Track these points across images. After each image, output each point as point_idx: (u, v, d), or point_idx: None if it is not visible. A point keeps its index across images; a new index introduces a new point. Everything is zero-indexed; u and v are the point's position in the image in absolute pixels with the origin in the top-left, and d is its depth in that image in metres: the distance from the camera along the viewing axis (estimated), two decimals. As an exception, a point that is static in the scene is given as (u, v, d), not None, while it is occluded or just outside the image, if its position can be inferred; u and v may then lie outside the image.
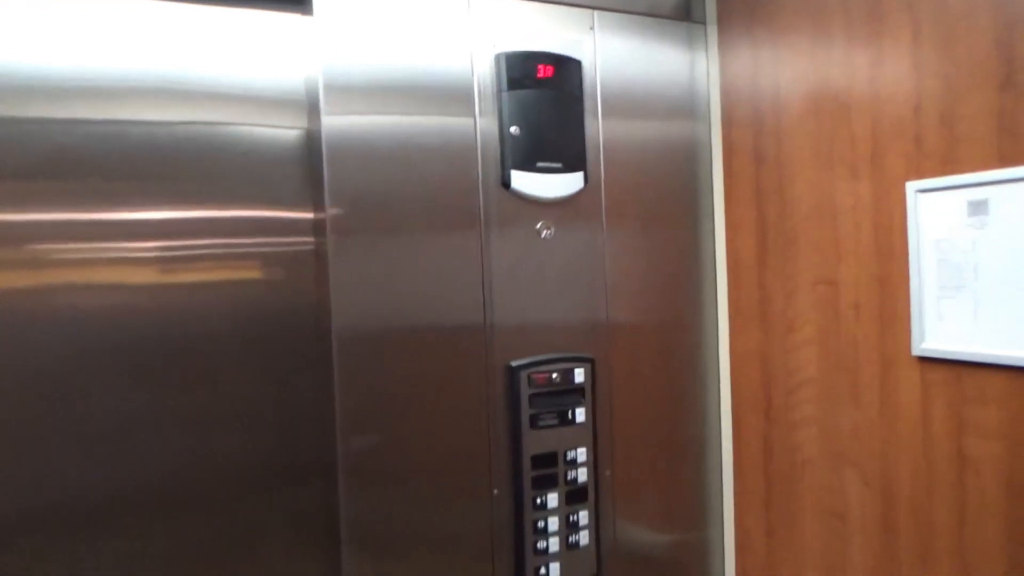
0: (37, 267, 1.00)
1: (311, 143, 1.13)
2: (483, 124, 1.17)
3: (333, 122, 1.09)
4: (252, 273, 1.12)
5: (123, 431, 1.04)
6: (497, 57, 1.17)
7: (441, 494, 1.16)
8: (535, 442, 1.18)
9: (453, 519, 1.17)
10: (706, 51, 1.35)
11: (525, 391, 1.18)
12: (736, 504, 1.35)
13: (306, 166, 1.13)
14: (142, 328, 1.05)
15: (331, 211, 1.08)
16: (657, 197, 1.33)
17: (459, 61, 1.17)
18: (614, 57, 1.28)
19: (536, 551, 1.19)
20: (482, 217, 1.16)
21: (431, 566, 1.17)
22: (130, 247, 1.05)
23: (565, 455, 1.20)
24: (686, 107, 1.35)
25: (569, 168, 1.21)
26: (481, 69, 1.17)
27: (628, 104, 1.29)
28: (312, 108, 1.12)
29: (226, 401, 1.11)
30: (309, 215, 1.13)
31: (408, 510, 1.15)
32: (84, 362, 1.02)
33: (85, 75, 1.02)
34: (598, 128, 1.26)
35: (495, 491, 1.18)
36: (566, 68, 1.21)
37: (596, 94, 1.26)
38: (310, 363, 1.15)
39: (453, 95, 1.16)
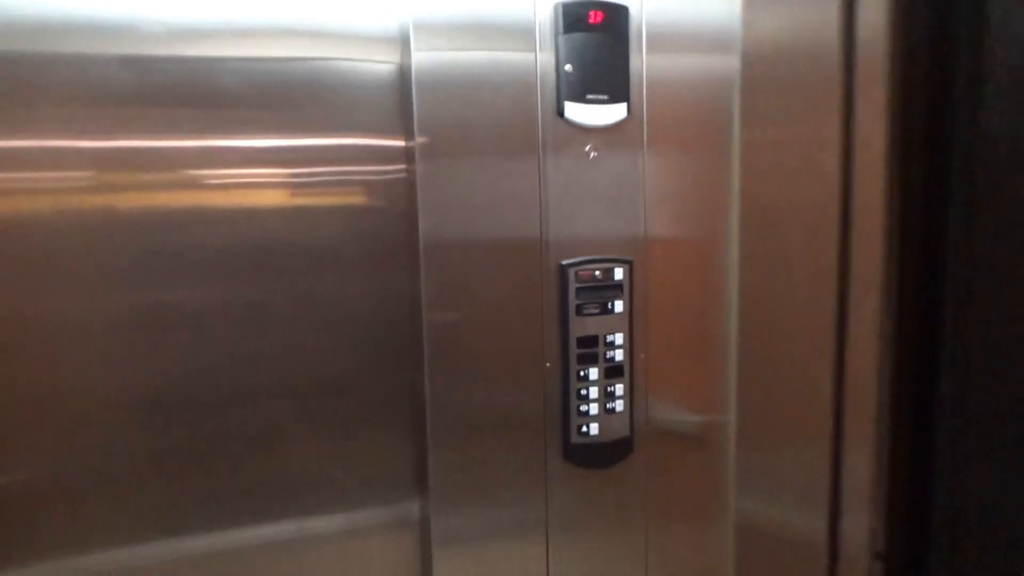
0: (183, 188, 1.31)
1: (403, 77, 1.39)
2: (542, 61, 1.40)
3: (421, 57, 1.35)
4: (357, 198, 1.40)
5: (253, 328, 1.36)
6: (556, 5, 1.39)
7: (504, 365, 1.46)
8: (579, 326, 1.46)
9: (514, 386, 1.47)
10: (741, -6, 1.53)
11: (572, 285, 1.44)
12: (750, 386, 1.60)
13: (400, 98, 1.39)
14: (267, 242, 1.35)
15: (419, 139, 1.34)
16: (693, 124, 1.54)
17: (524, 8, 1.39)
18: (659, 1, 1.47)
19: (579, 413, 1.48)
20: (540, 142, 1.41)
21: (497, 426, 1.48)
22: (254, 173, 1.34)
23: (605, 338, 1.47)
24: (723, 44, 1.55)
25: (614, 99, 1.43)
26: (542, 15, 1.40)
27: (670, 43, 1.49)
28: (404, 45, 1.38)
29: (333, 305, 1.41)
30: (402, 143, 1.39)
31: (478, 381, 1.45)
32: (218, 271, 1.34)
33: (221, 19, 1.29)
34: (642, 64, 1.47)
35: (547, 364, 1.47)
36: (615, 13, 1.42)
37: (641, 35, 1.47)
38: (403, 271, 1.43)
39: (518, 37, 1.39)
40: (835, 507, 0.46)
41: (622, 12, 1.43)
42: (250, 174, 1.32)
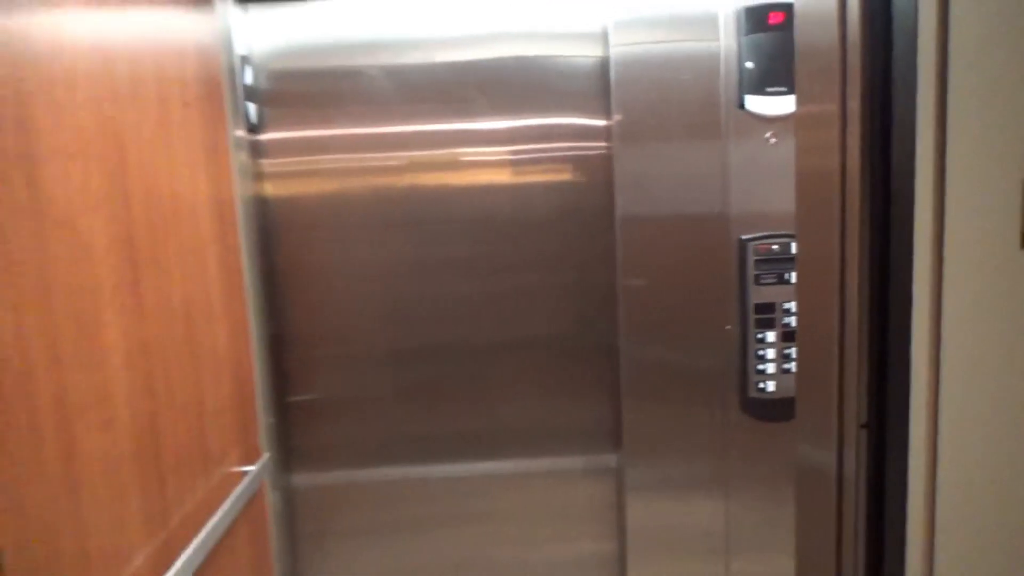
0: (441, 167, 1.67)
1: (604, 67, 1.66)
2: (725, 57, 1.60)
3: (618, 51, 1.61)
4: (566, 174, 1.69)
5: (482, 287, 1.70)
6: (738, 10, 1.58)
7: (688, 327, 1.67)
8: (758, 294, 1.64)
9: (696, 346, 1.68)
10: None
11: (751, 257, 1.63)
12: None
13: (602, 84, 1.67)
14: (495, 212, 1.68)
15: (615, 118, 1.60)
16: (872, 110, 1.66)
17: (708, 10, 1.60)
18: None
19: (756, 371, 1.66)
20: (722, 128, 1.61)
21: (681, 381, 1.70)
22: (489, 151, 1.67)
23: (781, 305, 1.64)
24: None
25: (793, 91, 1.59)
26: (726, 15, 1.60)
27: (848, 36, 1.63)
28: (604, 41, 1.64)
29: (544, 268, 1.71)
30: (603, 121, 1.66)
31: (665, 340, 1.68)
32: (459, 236, 1.68)
33: (463, 32, 1.64)
34: (821, 57, 1.62)
35: (728, 327, 1.66)
36: (792, 14, 1.59)
37: (820, 30, 1.62)
38: (601, 240, 1.70)
39: (703, 35, 1.60)
40: (840, 402, 0.64)
41: (801, 11, 1.59)
42: (486, 152, 1.66)
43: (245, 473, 1.43)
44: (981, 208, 0.50)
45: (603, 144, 1.68)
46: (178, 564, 1.10)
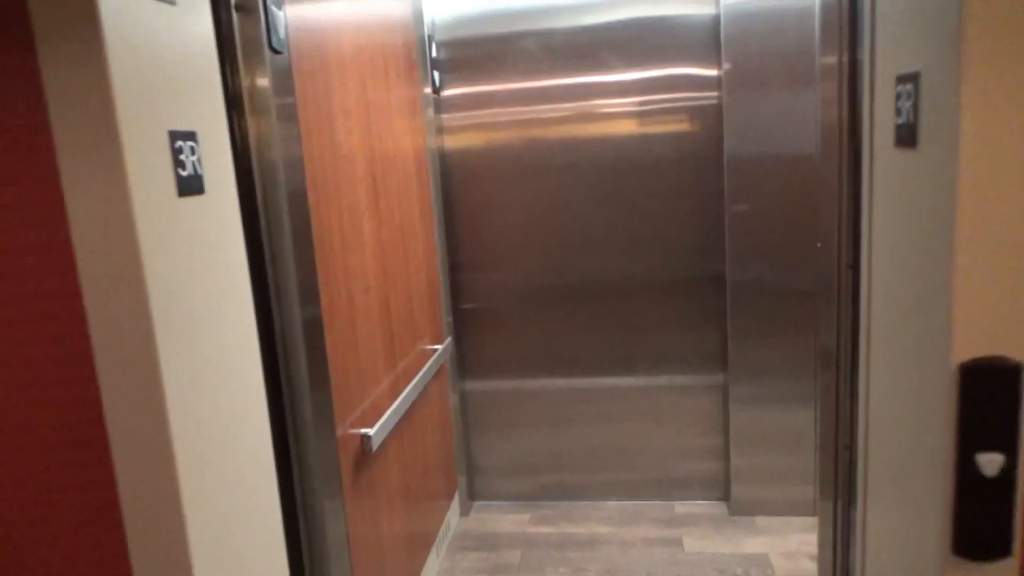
0: (579, 117, 2.07)
1: (715, 22, 1.98)
2: (822, 12, 1.89)
3: (728, 7, 1.93)
4: (682, 124, 2.05)
5: (612, 223, 2.10)
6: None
7: (786, 249, 2.00)
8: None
9: (793, 265, 2.01)
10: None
11: (842, 185, 1.93)
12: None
13: (712, 38, 2.00)
14: (623, 156, 2.07)
15: (725, 67, 1.94)
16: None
17: (810, -23, 1.89)
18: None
19: (844, 282, 1.97)
20: (818, 77, 1.91)
21: (779, 300, 2.03)
22: (617, 102, 2.05)
23: (868, 227, 1.94)
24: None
25: (882, 42, 1.87)
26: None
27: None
28: None
29: (662, 201, 2.08)
30: (714, 71, 2.00)
31: (764, 261, 2.02)
32: (593, 176, 2.08)
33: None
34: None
35: (818, 244, 1.98)
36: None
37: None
38: (713, 177, 2.05)
39: None
40: (839, 252, 0.96)
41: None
42: (615, 103, 2.05)
43: (435, 350, 1.93)
44: (887, 129, 0.83)
45: (714, 92, 2.02)
46: (403, 394, 1.60)
